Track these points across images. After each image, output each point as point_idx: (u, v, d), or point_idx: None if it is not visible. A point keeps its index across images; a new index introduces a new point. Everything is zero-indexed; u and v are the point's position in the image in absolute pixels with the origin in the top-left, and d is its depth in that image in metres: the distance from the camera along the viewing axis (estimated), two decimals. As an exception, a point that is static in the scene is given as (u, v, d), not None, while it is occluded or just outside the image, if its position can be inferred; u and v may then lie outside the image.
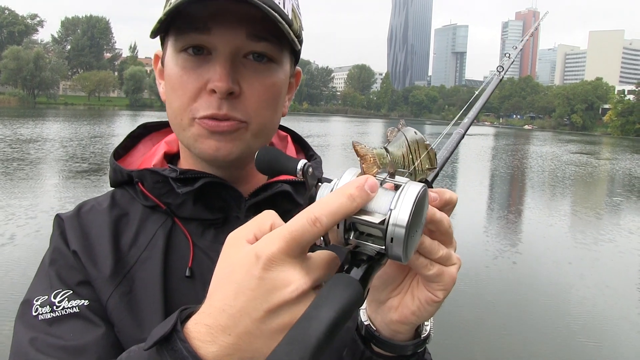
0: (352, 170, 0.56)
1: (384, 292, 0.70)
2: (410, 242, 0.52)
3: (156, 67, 0.91)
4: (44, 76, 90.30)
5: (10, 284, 6.28)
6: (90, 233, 0.85)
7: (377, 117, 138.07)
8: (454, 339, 5.36)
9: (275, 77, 0.82)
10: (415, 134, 0.61)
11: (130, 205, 0.90)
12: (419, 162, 0.59)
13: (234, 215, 0.86)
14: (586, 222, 12.88)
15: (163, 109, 0.83)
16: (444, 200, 0.63)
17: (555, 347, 5.48)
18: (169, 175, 0.85)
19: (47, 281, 0.82)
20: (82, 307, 0.78)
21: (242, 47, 0.78)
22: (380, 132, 56.69)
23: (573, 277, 7.97)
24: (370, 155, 0.55)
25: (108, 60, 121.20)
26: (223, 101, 0.78)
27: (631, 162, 31.76)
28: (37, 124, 36.22)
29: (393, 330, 0.70)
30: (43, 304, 0.79)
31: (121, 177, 0.92)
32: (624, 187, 20.06)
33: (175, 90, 0.80)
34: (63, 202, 10.97)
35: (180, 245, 0.85)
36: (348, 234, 0.53)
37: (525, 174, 22.35)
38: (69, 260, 0.83)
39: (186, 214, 0.86)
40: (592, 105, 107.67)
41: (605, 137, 79.64)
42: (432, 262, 0.62)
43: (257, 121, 0.82)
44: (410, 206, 0.50)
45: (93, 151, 20.78)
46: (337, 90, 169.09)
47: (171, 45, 0.81)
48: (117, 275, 0.82)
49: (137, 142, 1.00)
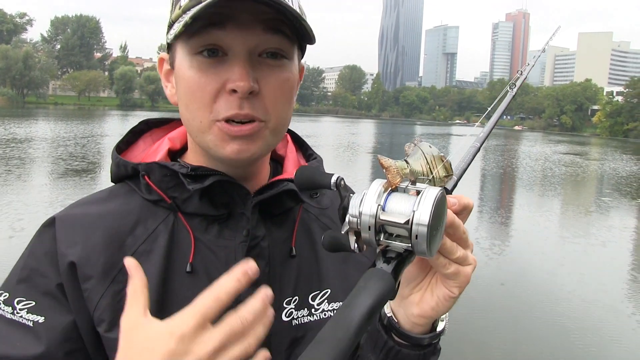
0: (378, 181, 0.62)
1: (407, 289, 0.77)
2: (433, 239, 0.59)
3: (161, 70, 0.92)
4: (33, 76, 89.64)
5: None
6: (84, 229, 0.85)
7: (368, 117, 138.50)
8: (447, 337, 5.39)
9: (289, 73, 0.84)
10: (430, 147, 0.68)
11: (129, 198, 0.90)
12: (437, 171, 0.67)
13: (239, 212, 0.87)
14: (576, 220, 13.01)
15: (153, 109, 1.22)
16: (463, 205, 0.71)
17: (546, 347, 5.53)
18: (179, 170, 0.85)
19: (14, 282, 0.83)
20: (37, 323, 0.79)
21: (258, 45, 0.79)
22: (371, 132, 56.83)
23: (564, 276, 8.04)
24: (393, 167, 0.62)
25: (98, 60, 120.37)
26: (244, 100, 0.78)
27: (622, 162, 32.05)
28: (29, 124, 35.92)
29: (413, 322, 0.77)
30: (6, 302, 0.81)
31: (124, 171, 0.91)
32: (613, 186, 20.24)
33: (194, 92, 0.80)
34: (52, 201, 10.91)
35: (182, 241, 0.86)
36: (379, 235, 0.60)
37: (515, 173, 22.50)
38: (43, 267, 0.83)
39: (191, 209, 0.87)
40: (582, 106, 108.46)
41: (594, 138, 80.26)
42: (450, 261, 0.70)
43: (275, 118, 0.83)
44: (430, 207, 0.57)
45: (84, 151, 20.65)
46: (328, 91, 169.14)
47: (184, 48, 0.81)
48: (112, 269, 0.82)
49: (138, 137, 1.00)
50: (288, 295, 0.89)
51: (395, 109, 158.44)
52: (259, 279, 0.82)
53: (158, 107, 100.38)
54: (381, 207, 0.60)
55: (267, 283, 0.84)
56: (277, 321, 0.84)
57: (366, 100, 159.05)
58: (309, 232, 0.95)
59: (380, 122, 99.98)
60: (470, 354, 5.37)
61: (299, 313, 0.89)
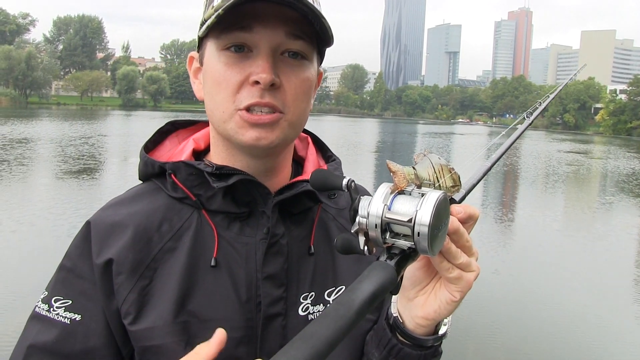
0: (386, 185, 0.67)
1: (413, 291, 0.82)
2: (435, 239, 0.64)
3: (190, 68, 0.97)
4: (36, 76, 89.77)
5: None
6: (114, 228, 0.89)
7: (371, 116, 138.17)
8: (449, 338, 5.33)
9: (308, 73, 0.89)
10: (439, 158, 0.72)
11: (156, 196, 0.94)
12: (444, 180, 0.71)
13: (260, 210, 0.91)
14: (580, 220, 12.94)
15: (156, 109, 1.19)
16: (468, 214, 0.75)
17: (547, 346, 5.48)
18: (204, 169, 0.89)
19: (53, 282, 0.90)
20: (74, 321, 0.85)
21: (281, 45, 0.84)
22: (374, 131, 56.72)
23: (565, 276, 7.99)
24: (400, 172, 0.67)
25: (101, 60, 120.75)
26: (265, 91, 0.83)
27: (629, 160, 31.91)
28: (34, 124, 35.96)
29: (417, 324, 0.82)
30: (44, 300, 0.88)
31: (152, 170, 0.95)
32: (617, 184, 20.13)
33: (220, 83, 0.85)
34: (56, 202, 10.89)
35: (206, 237, 0.90)
36: (385, 234, 0.65)
37: (518, 172, 22.40)
38: (78, 269, 0.88)
39: (214, 206, 0.91)
40: (585, 104, 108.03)
41: (598, 137, 79.91)
42: (453, 266, 0.75)
43: (293, 112, 0.87)
44: (431, 207, 0.62)
45: (87, 151, 20.66)
46: (331, 90, 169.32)
47: (213, 44, 0.86)
48: (140, 266, 0.87)
49: (164, 137, 1.04)
50: (305, 291, 0.92)
51: (397, 108, 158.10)
52: (278, 274, 0.90)
53: (160, 107, 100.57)
54: (387, 207, 0.64)
55: (285, 279, 0.90)
56: (293, 315, 0.90)
57: (368, 100, 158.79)
58: (326, 231, 0.99)
59: (383, 121, 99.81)
60: (472, 353, 5.33)
61: (315, 308, 0.92)
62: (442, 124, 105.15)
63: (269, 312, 0.88)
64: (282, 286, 0.90)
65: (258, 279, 0.88)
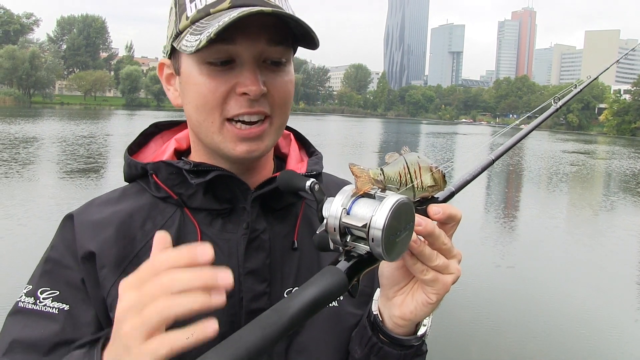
0: (349, 187, 0.67)
1: (391, 291, 0.82)
2: (392, 244, 0.62)
3: (162, 74, 0.96)
4: (40, 76, 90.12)
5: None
6: (99, 225, 0.91)
7: (374, 116, 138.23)
8: (452, 337, 5.33)
9: (290, 75, 0.91)
10: (418, 157, 0.71)
11: (140, 196, 0.95)
12: (419, 180, 0.69)
13: (241, 207, 0.92)
14: (584, 220, 12.89)
15: (159, 108, 1.18)
16: (447, 214, 0.73)
17: (550, 347, 5.46)
18: (183, 167, 0.90)
19: (38, 275, 0.90)
20: (61, 311, 0.85)
21: (263, 53, 0.85)
22: (377, 131, 56.69)
23: (569, 277, 7.97)
24: (365, 174, 0.66)
25: (104, 59, 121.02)
26: (254, 101, 0.84)
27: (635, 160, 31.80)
28: (34, 124, 36.03)
29: (395, 323, 0.82)
30: (28, 294, 0.87)
31: (135, 171, 0.97)
32: (621, 185, 20.06)
33: (205, 96, 0.85)
34: (58, 201, 10.90)
35: (189, 234, 0.91)
36: (344, 237, 0.64)
37: (521, 172, 22.34)
38: (65, 260, 0.89)
39: (196, 204, 0.92)
40: (588, 104, 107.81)
41: (601, 137, 79.70)
42: (428, 268, 0.73)
43: (279, 115, 0.89)
44: (386, 213, 0.60)
45: (91, 150, 20.69)
46: (334, 90, 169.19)
47: (192, 57, 0.85)
48: (123, 261, 0.88)
49: (149, 139, 1.05)
50: (289, 286, 0.92)
51: (400, 108, 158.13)
52: (260, 269, 0.90)
53: (164, 106, 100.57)
54: (346, 210, 0.63)
55: (268, 274, 0.90)
56: None
57: (372, 99, 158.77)
58: (311, 227, 0.99)
59: (386, 121, 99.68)
60: (476, 352, 5.31)
61: None
62: (445, 124, 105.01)
63: (251, 307, 0.88)
64: (265, 281, 0.90)
65: (240, 275, 0.89)
